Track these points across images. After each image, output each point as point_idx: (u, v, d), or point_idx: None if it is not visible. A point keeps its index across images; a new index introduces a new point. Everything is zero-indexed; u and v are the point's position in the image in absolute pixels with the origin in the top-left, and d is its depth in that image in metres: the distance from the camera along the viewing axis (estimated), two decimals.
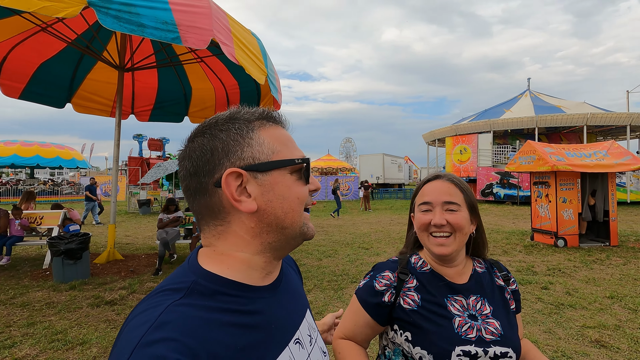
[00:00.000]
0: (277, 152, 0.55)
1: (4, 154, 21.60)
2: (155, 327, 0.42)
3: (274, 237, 0.56)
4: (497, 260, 1.09)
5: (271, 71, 5.21)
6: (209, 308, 0.48)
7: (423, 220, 0.95)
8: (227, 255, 0.54)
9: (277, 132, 0.57)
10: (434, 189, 0.96)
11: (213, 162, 0.53)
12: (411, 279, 0.97)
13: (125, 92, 7.58)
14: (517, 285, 1.04)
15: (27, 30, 5.83)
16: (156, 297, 0.48)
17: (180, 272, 0.54)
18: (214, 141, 0.54)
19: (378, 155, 28.26)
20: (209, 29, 3.77)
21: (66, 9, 3.13)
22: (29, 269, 5.41)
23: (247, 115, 0.56)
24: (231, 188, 0.52)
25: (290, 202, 0.55)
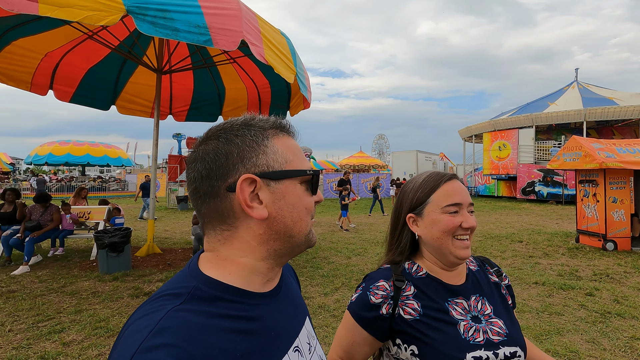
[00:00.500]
0: (289, 162, 0.56)
1: (59, 153, 23.45)
2: (155, 332, 0.42)
3: (280, 245, 0.56)
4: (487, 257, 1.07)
5: (300, 70, 5.24)
6: (209, 314, 0.48)
7: (453, 222, 0.87)
8: (230, 261, 0.54)
9: (289, 142, 0.58)
10: (459, 189, 0.91)
11: (227, 166, 0.53)
12: (408, 286, 0.90)
13: (164, 94, 7.95)
14: (509, 280, 1.01)
15: (76, 38, 6.27)
16: (156, 302, 0.48)
17: (180, 277, 0.54)
18: (229, 145, 0.54)
19: (411, 152, 27.65)
20: (239, 30, 3.86)
21: (107, 17, 3.33)
22: (78, 260, 5.84)
23: (262, 123, 0.57)
24: (245, 193, 0.52)
25: (299, 211, 0.56)
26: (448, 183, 0.91)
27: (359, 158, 34.00)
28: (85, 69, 7.00)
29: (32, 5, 3.22)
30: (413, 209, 0.94)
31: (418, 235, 0.93)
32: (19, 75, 6.22)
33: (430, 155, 29.42)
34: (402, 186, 1.02)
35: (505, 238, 7.82)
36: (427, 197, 0.92)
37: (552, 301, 4.02)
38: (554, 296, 4.18)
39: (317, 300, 4.04)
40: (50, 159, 23.64)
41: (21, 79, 6.27)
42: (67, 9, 3.25)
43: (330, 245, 7.20)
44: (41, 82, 6.57)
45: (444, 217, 0.88)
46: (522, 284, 4.65)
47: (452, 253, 0.88)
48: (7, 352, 2.84)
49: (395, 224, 0.99)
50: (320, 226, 9.95)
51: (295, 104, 6.99)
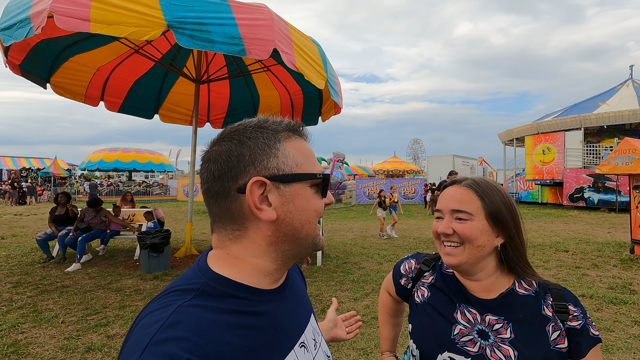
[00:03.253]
0: (300, 165, 0.56)
1: (109, 160, 25.20)
2: (167, 326, 0.44)
3: (288, 247, 0.57)
4: (563, 287, 0.90)
5: (331, 76, 5.31)
6: (218, 309, 0.49)
7: (434, 227, 0.91)
8: (240, 260, 0.56)
9: (301, 145, 0.59)
10: (447, 195, 0.91)
11: (239, 168, 0.54)
12: (429, 275, 0.98)
13: (202, 103, 8.34)
14: (592, 327, 0.83)
15: (124, 52, 6.76)
16: (167, 297, 0.49)
17: (190, 274, 0.55)
18: (241, 147, 0.55)
19: (447, 156, 26.82)
20: (270, 39, 3.99)
21: (150, 32, 3.57)
22: (123, 259, 6.24)
23: (275, 126, 0.58)
24: (254, 196, 0.53)
25: (307, 214, 0.57)
26: (446, 189, 0.93)
27: (393, 163, 33.45)
28: (132, 81, 7.52)
29: (85, 24, 3.54)
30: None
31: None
32: (75, 89, 6.80)
33: (468, 159, 28.37)
34: None
35: (549, 247, 7.35)
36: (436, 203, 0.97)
37: (600, 316, 3.73)
38: (603, 310, 3.87)
39: (346, 305, 4.03)
40: (101, 165, 25.47)
41: (77, 92, 6.85)
42: (114, 26, 3.52)
43: (361, 250, 7.14)
44: (94, 94, 7.13)
45: (433, 222, 0.93)
46: None
47: (442, 257, 0.89)
48: (59, 342, 3.09)
49: None
50: (352, 231, 9.91)
51: (327, 110, 7.06)
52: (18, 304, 4.00)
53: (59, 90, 6.45)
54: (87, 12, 3.51)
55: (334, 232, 9.82)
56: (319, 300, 4.21)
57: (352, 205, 19.37)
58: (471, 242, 0.82)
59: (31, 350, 2.95)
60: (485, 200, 0.85)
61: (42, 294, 4.33)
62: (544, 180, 18.08)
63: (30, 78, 5.66)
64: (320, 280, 5.03)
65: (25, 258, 6.32)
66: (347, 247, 7.48)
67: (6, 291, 4.44)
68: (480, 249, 0.83)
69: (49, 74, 6.12)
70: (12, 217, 13.60)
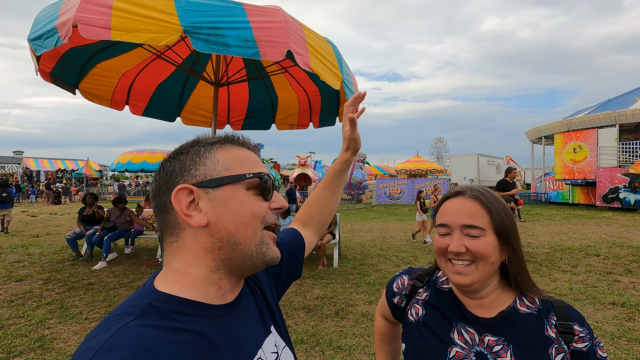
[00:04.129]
0: (230, 169, 0.57)
1: (136, 161, 26.16)
2: (104, 349, 0.42)
3: (226, 254, 0.55)
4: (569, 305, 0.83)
5: (347, 76, 5.28)
6: (163, 328, 0.47)
7: (440, 244, 0.82)
8: (182, 273, 0.55)
9: (236, 152, 0.59)
10: (453, 208, 0.82)
11: (170, 181, 0.56)
12: (423, 291, 0.92)
13: (222, 105, 8.49)
14: (600, 349, 0.77)
15: (147, 58, 6.98)
16: (107, 323, 0.47)
17: (134, 297, 0.53)
18: (174, 163, 0.58)
19: (472, 155, 26.11)
20: (284, 41, 4.01)
21: (167, 37, 3.66)
22: (146, 258, 6.45)
23: (209, 139, 0.60)
24: (181, 204, 0.54)
25: (242, 216, 0.55)
26: (449, 201, 0.84)
27: (415, 162, 32.93)
28: (155, 85, 7.75)
29: (106, 32, 3.68)
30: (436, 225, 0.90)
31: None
32: (102, 94, 7.08)
33: (494, 158, 27.50)
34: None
35: (578, 251, 7.00)
36: (435, 214, 0.91)
37: (632, 326, 3.50)
38: (636, 320, 3.64)
39: (360, 308, 3.99)
40: (129, 167, 26.46)
41: (103, 97, 7.13)
42: (134, 33, 3.65)
43: (379, 252, 7.06)
44: (119, 99, 7.40)
45: (436, 238, 0.85)
46: (595, 303, 4.13)
47: (448, 277, 0.82)
48: (82, 338, 3.23)
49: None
50: (371, 232, 9.81)
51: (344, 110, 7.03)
52: (47, 300, 4.21)
53: (87, 95, 6.74)
54: (109, 20, 3.65)
55: (352, 233, 9.76)
56: (333, 302, 4.19)
57: (373, 206, 19.20)
58: (485, 259, 0.77)
59: (55, 345, 3.09)
60: (493, 212, 0.79)
61: (69, 291, 4.53)
62: (575, 179, 17.25)
63: (60, 85, 5.94)
64: (335, 282, 5.00)
65: (56, 256, 6.66)
66: (365, 249, 7.41)
67: (37, 287, 4.68)
68: (492, 266, 0.79)
69: (78, 80, 6.40)
70: (47, 216, 14.37)
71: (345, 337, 3.30)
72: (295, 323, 3.63)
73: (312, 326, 3.54)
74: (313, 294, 4.51)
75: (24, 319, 3.66)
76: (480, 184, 4.51)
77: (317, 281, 5.06)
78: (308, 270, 5.64)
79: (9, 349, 3.02)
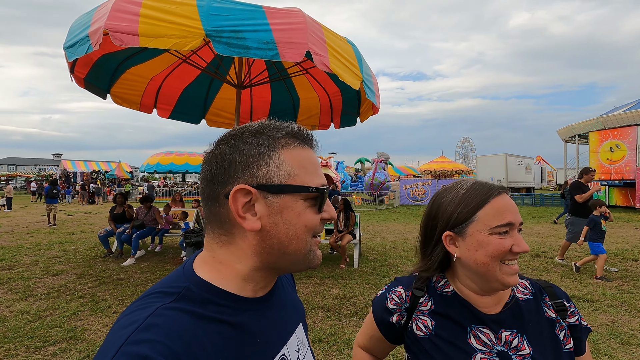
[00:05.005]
0: (293, 176, 0.54)
1: (164, 163, 27.12)
2: (142, 328, 0.44)
3: (275, 259, 0.55)
4: (552, 283, 0.86)
5: (367, 76, 5.25)
6: (197, 315, 0.48)
7: (504, 246, 0.74)
8: (225, 265, 0.54)
9: (300, 154, 0.56)
10: (511, 206, 0.77)
11: (229, 173, 0.53)
12: (426, 301, 0.83)
13: (245, 107, 8.66)
14: (582, 319, 0.81)
15: (174, 63, 7.24)
16: (146, 299, 0.49)
17: (174, 277, 0.54)
18: (234, 152, 0.54)
19: (500, 155, 25.22)
20: (304, 42, 4.05)
21: (190, 42, 3.79)
22: (172, 255, 6.67)
23: (274, 132, 0.56)
24: (238, 204, 0.52)
25: (296, 228, 0.54)
26: (498, 198, 0.78)
27: (440, 163, 32.21)
28: (181, 89, 8.02)
29: (135, 39, 3.84)
30: (452, 226, 0.80)
31: (457, 257, 0.80)
32: (132, 98, 7.40)
33: (523, 158, 26.46)
34: (436, 195, 0.88)
35: (614, 255, 6.63)
36: (472, 213, 0.78)
37: None
38: None
39: None
40: (158, 168, 27.47)
41: (133, 101, 7.45)
42: (159, 39, 3.80)
43: (401, 253, 6.96)
44: (147, 103, 7.71)
45: (494, 240, 0.75)
46: (631, 310, 3.90)
47: (498, 280, 0.75)
48: None
49: (427, 238, 0.88)
50: (393, 233, 9.69)
51: (365, 110, 7.02)
52: (80, 293, 4.44)
53: (117, 100, 7.07)
54: (136, 27, 3.82)
55: (374, 234, 9.68)
56: (352, 302, 4.18)
57: (395, 207, 18.96)
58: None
59: (86, 336, 3.26)
60: None
61: (100, 286, 4.76)
62: (612, 180, 16.34)
63: (92, 90, 6.25)
64: (355, 282, 4.99)
65: (89, 252, 7.01)
66: (386, 250, 7.34)
67: (72, 282, 4.95)
68: None
69: (110, 85, 6.72)
70: (82, 215, 15.14)
71: None
72: (313, 322, 3.65)
73: (330, 325, 3.55)
74: (332, 293, 4.52)
75: (58, 310, 3.88)
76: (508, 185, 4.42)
77: (336, 281, 5.06)
78: (328, 270, 5.65)
79: (45, 338, 3.22)
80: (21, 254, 6.84)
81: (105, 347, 0.44)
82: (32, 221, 12.54)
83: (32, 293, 4.47)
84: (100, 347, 0.46)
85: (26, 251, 7.08)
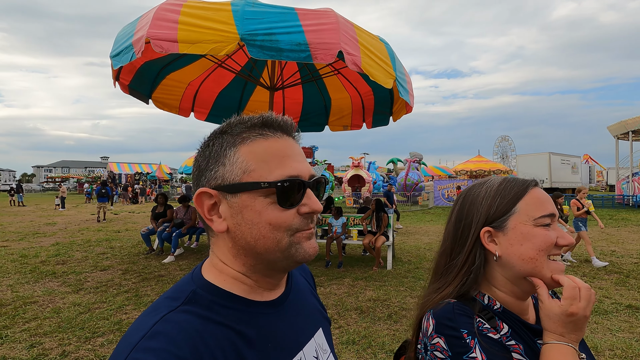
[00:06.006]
0: (249, 172, 0.51)
1: None
2: (149, 336, 0.44)
3: (253, 261, 0.53)
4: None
5: (401, 74, 5.15)
6: (205, 318, 0.48)
7: (552, 238, 0.69)
8: (220, 267, 0.54)
9: (262, 146, 0.52)
10: (548, 197, 0.73)
11: (198, 178, 0.54)
12: (500, 323, 0.71)
13: (277, 109, 8.79)
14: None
15: (210, 67, 7.49)
16: (156, 304, 0.50)
17: (183, 282, 0.54)
18: (201, 157, 0.55)
19: (543, 154, 23.88)
20: (336, 42, 4.03)
21: (226, 46, 3.89)
22: (206, 253, 6.90)
23: (237, 128, 0.53)
24: (203, 207, 0.52)
25: (260, 228, 0.50)
26: (536, 190, 0.73)
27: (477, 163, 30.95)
28: (217, 93, 8.28)
29: (174, 46, 4.01)
30: (491, 221, 0.72)
31: (498, 256, 0.71)
32: (171, 102, 7.75)
33: (569, 157, 24.88)
34: (464, 193, 0.80)
35: None
36: (512, 204, 0.72)
37: None
38: None
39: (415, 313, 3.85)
40: None
41: (172, 105, 7.80)
42: (197, 45, 3.93)
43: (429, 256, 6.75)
44: (186, 107, 8.04)
45: (539, 231, 0.68)
46: None
47: (545, 277, 0.68)
48: None
49: (458, 242, 0.77)
50: (427, 235, 9.44)
51: (398, 109, 6.89)
52: (125, 288, 4.70)
53: (158, 104, 7.43)
54: (175, 34, 3.98)
55: (408, 235, 9.47)
56: (386, 305, 4.11)
57: (430, 208, 18.46)
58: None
59: None
60: None
61: (143, 281, 5.01)
62: None
63: (136, 95, 6.60)
64: (389, 284, 4.90)
65: (133, 249, 7.41)
66: (420, 252, 7.15)
67: (117, 277, 5.26)
68: None
69: (151, 91, 7.08)
70: (127, 214, 16.06)
71: (399, 341, 3.20)
72: (347, 323, 3.62)
73: (364, 328, 3.50)
74: (366, 295, 4.46)
75: (106, 304, 4.13)
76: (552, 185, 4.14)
77: (369, 283, 4.99)
78: (361, 272, 5.59)
79: (94, 329, 3.43)
80: (73, 249, 7.36)
81: (114, 356, 0.45)
82: (82, 219, 13.48)
83: (82, 287, 4.79)
84: (111, 355, 0.46)
85: (78, 247, 7.61)
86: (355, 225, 6.64)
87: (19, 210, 17.87)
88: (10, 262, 6.22)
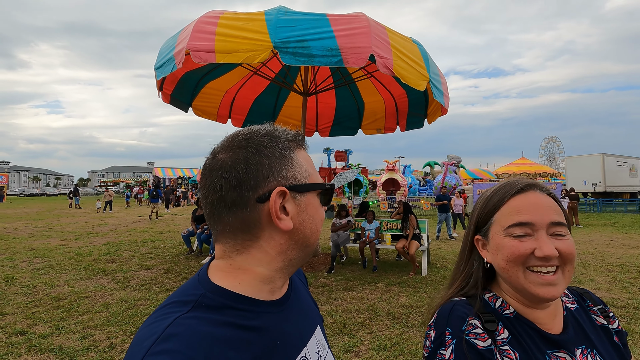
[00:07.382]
0: (311, 175, 0.59)
1: None
2: (162, 339, 0.44)
3: (296, 254, 0.58)
4: (585, 289, 0.79)
5: (435, 75, 5.03)
6: (215, 322, 0.49)
7: (518, 250, 0.66)
8: (243, 270, 0.55)
9: (307, 156, 0.62)
10: (533, 203, 0.68)
11: (259, 177, 0.53)
12: (501, 328, 0.68)
13: (311, 113, 8.90)
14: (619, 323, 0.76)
15: (246, 75, 7.76)
16: (164, 309, 0.50)
17: (190, 285, 0.55)
18: (259, 156, 0.54)
19: (595, 155, 22.12)
20: (367, 46, 4.03)
21: (260, 54, 4.02)
22: None
23: (284, 135, 0.59)
24: (277, 205, 0.53)
25: (317, 223, 0.59)
26: (518, 196, 0.70)
27: (521, 165, 29.26)
28: (252, 99, 8.55)
29: (212, 56, 4.20)
30: (479, 229, 0.75)
31: (488, 263, 0.72)
32: (210, 110, 8.10)
33: (626, 158, 22.87)
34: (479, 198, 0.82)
35: None
36: (491, 215, 0.72)
37: None
38: None
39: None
40: None
41: (211, 112, 8.15)
42: (233, 54, 4.09)
43: None
44: (223, 113, 8.37)
45: (508, 242, 0.67)
46: None
47: (525, 289, 0.66)
48: None
49: (464, 246, 0.80)
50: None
51: (433, 111, 6.72)
52: (167, 286, 4.96)
53: (198, 112, 7.79)
54: (213, 45, 4.17)
55: (444, 241, 9.17)
56: (420, 311, 4.01)
57: (468, 213, 17.74)
58: (572, 262, 0.66)
59: None
60: (564, 209, 0.71)
61: (183, 281, 5.25)
62: None
63: (176, 104, 6.96)
64: (423, 290, 4.77)
65: (174, 250, 7.80)
66: (456, 258, 6.89)
67: (160, 276, 5.56)
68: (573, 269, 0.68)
69: (191, 100, 7.45)
70: (170, 216, 16.93)
71: None
72: (379, 329, 3.57)
73: (396, 334, 3.44)
74: (399, 301, 4.38)
75: (149, 301, 4.38)
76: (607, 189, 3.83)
77: (403, 289, 4.89)
78: (394, 277, 5.50)
79: (138, 324, 3.66)
80: (122, 249, 7.89)
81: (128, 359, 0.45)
82: (130, 221, 14.40)
83: (129, 284, 5.11)
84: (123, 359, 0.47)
85: (125, 247, 8.15)
86: (389, 229, 6.54)
87: (76, 212, 19.48)
88: (68, 259, 6.78)
